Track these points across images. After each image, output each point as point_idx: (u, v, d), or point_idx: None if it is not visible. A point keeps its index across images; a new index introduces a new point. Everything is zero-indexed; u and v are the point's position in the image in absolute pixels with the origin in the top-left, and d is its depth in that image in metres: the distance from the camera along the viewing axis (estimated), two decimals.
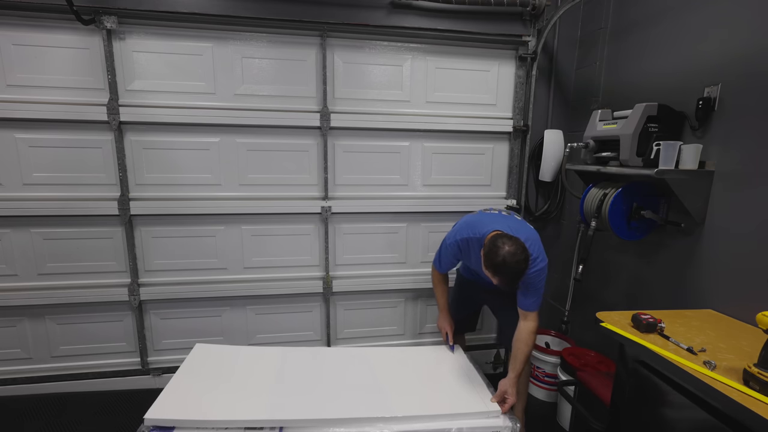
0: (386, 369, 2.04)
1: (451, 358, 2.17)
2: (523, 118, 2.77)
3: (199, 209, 2.51)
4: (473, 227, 1.97)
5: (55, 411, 2.42)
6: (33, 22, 2.22)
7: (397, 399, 1.77)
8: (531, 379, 2.74)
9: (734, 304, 1.72)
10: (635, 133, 1.89)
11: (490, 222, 1.94)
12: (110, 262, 2.53)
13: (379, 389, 1.86)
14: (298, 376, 1.93)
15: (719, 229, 1.79)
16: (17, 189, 2.36)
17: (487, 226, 1.90)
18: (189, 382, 1.84)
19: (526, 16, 2.57)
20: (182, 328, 2.68)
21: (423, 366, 2.10)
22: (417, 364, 2.12)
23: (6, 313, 2.47)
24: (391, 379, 1.95)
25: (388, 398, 1.78)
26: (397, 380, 1.94)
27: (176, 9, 2.24)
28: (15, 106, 2.25)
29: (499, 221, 1.94)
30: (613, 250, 2.45)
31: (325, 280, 2.73)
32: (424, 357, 2.19)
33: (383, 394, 1.82)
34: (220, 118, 2.44)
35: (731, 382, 1.18)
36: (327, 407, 1.70)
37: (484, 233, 1.88)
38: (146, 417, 1.57)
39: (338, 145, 2.62)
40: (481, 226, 1.93)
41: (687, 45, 1.94)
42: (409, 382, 1.93)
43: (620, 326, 1.56)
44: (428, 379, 1.97)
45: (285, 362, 2.05)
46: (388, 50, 2.58)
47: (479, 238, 1.90)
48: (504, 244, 1.68)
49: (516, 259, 1.65)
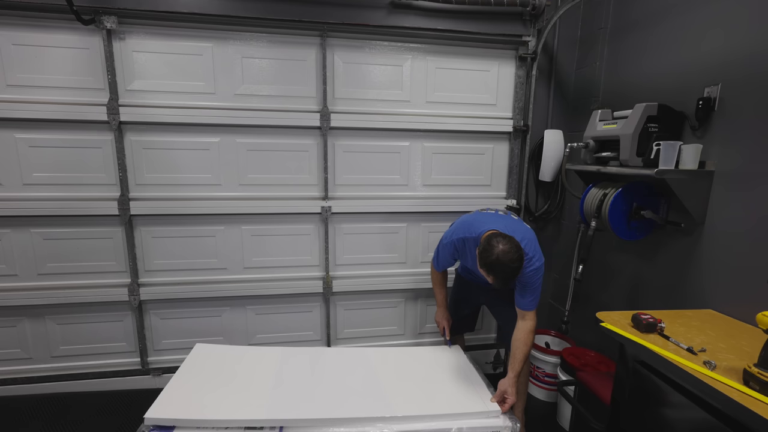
0: (386, 369, 2.04)
1: (450, 358, 2.17)
2: (523, 118, 2.77)
3: (199, 209, 2.51)
4: (469, 227, 1.98)
5: (55, 411, 2.42)
6: (33, 22, 2.22)
7: (397, 399, 1.77)
8: (531, 379, 2.75)
9: (734, 304, 1.71)
10: (635, 133, 1.89)
11: (486, 221, 1.94)
12: (110, 262, 2.53)
13: (379, 389, 1.86)
14: (298, 376, 1.93)
15: (719, 229, 1.79)
16: (17, 189, 2.36)
17: (483, 225, 1.91)
18: (189, 382, 1.84)
19: (526, 16, 2.57)
20: (182, 328, 2.68)
21: (423, 366, 2.10)
22: (417, 363, 2.12)
23: (6, 313, 2.47)
24: (391, 379, 1.95)
25: (388, 398, 1.78)
26: (397, 380, 1.94)
27: (176, 9, 2.24)
28: (15, 106, 2.25)
29: (495, 221, 1.94)
30: (613, 250, 2.45)
31: (325, 280, 2.73)
32: (424, 357, 2.19)
33: (383, 394, 1.82)
34: (220, 118, 2.44)
35: (731, 382, 1.18)
36: (327, 407, 1.70)
37: (480, 233, 1.88)
38: (146, 416, 1.57)
39: (338, 145, 2.62)
40: (477, 225, 1.94)
41: (687, 45, 1.94)
42: (409, 382, 1.93)
43: (620, 326, 1.56)
44: (428, 379, 1.97)
45: (285, 362, 2.05)
46: (388, 50, 2.58)
47: (475, 238, 1.91)
48: (498, 243, 1.68)
49: (510, 258, 1.66)
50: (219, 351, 2.14)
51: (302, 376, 1.93)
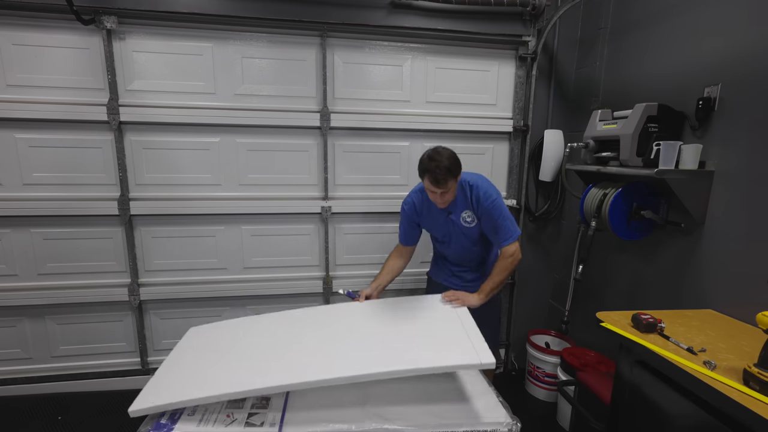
0: (378, 322, 1.91)
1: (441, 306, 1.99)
2: (523, 118, 2.77)
3: (199, 209, 2.51)
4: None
5: (55, 411, 2.42)
6: (33, 22, 2.23)
7: (394, 355, 1.63)
8: (531, 379, 2.75)
9: (734, 304, 1.71)
10: (635, 133, 1.89)
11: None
12: (110, 262, 2.53)
13: (372, 342, 1.73)
14: (293, 340, 1.80)
15: (719, 229, 1.79)
16: (17, 189, 2.36)
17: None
18: (176, 366, 1.74)
19: (526, 16, 2.57)
20: (182, 328, 2.65)
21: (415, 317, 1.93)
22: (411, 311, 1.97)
23: (6, 313, 2.47)
24: (387, 336, 1.79)
25: (385, 356, 1.63)
26: (386, 332, 1.81)
27: (176, 9, 2.24)
28: (15, 106, 2.25)
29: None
30: (613, 250, 2.45)
31: (325, 280, 2.73)
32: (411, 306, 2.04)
33: (379, 353, 1.67)
34: (220, 118, 2.44)
35: (731, 382, 1.18)
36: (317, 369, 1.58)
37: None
38: (131, 410, 1.48)
39: (338, 145, 2.62)
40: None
41: (687, 45, 1.94)
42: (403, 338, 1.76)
43: (620, 326, 1.56)
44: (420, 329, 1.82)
45: (280, 328, 1.92)
46: (388, 50, 2.58)
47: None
48: (430, 150, 1.84)
49: (438, 151, 1.81)
50: (210, 330, 2.03)
51: (298, 340, 1.80)
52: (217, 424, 1.52)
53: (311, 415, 1.59)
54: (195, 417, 1.55)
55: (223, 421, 1.54)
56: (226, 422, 1.53)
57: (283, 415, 1.58)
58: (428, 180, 1.82)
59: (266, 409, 1.60)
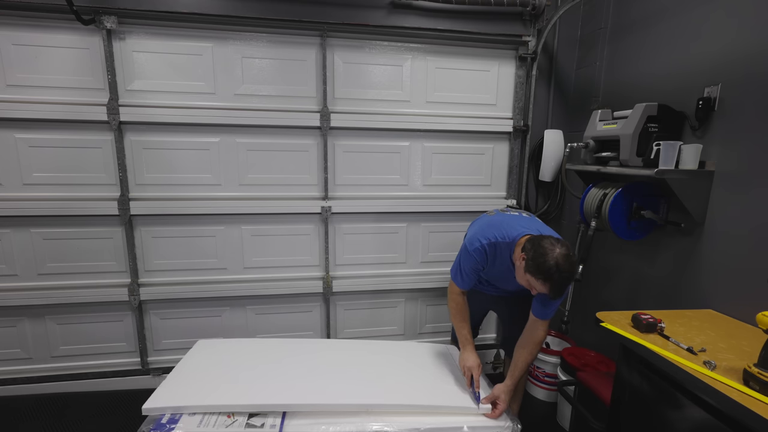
0: (385, 361, 2.01)
1: (450, 356, 2.14)
2: (523, 118, 2.77)
3: (199, 209, 2.51)
4: (499, 230, 1.76)
5: (55, 411, 2.42)
6: (33, 22, 2.22)
7: (396, 390, 1.76)
8: (531, 379, 2.75)
9: (734, 304, 1.72)
10: (635, 133, 1.89)
11: (516, 224, 1.77)
12: (110, 262, 2.53)
13: (378, 380, 1.83)
14: (301, 366, 1.90)
15: (719, 229, 1.79)
16: (17, 189, 2.36)
17: (515, 229, 1.73)
18: (189, 373, 1.81)
19: (526, 16, 2.57)
20: (182, 328, 2.68)
21: (424, 360, 2.06)
22: (417, 358, 2.08)
23: (6, 313, 2.47)
24: (389, 371, 1.92)
25: (387, 389, 1.76)
26: (396, 373, 1.92)
27: (176, 9, 2.24)
28: (15, 106, 2.25)
29: (525, 224, 1.78)
30: (613, 250, 2.45)
31: (325, 280, 2.73)
32: (424, 352, 2.15)
33: (382, 384, 1.80)
34: (220, 118, 2.44)
35: (731, 382, 1.18)
36: (328, 395, 1.68)
37: (513, 237, 1.71)
38: (145, 407, 1.54)
39: (338, 145, 2.62)
40: (509, 228, 1.75)
41: (687, 45, 1.94)
42: (407, 375, 1.90)
43: (620, 326, 1.56)
44: (429, 374, 1.93)
45: (288, 353, 2.03)
46: (388, 50, 2.58)
47: (509, 243, 1.72)
48: (554, 246, 1.50)
49: (570, 262, 1.49)
50: (219, 345, 2.11)
51: (305, 365, 1.90)
52: (218, 425, 1.52)
53: (311, 416, 1.60)
54: (196, 417, 1.56)
55: (224, 422, 1.54)
56: (227, 423, 1.54)
57: (284, 415, 1.59)
58: (547, 288, 1.53)
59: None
